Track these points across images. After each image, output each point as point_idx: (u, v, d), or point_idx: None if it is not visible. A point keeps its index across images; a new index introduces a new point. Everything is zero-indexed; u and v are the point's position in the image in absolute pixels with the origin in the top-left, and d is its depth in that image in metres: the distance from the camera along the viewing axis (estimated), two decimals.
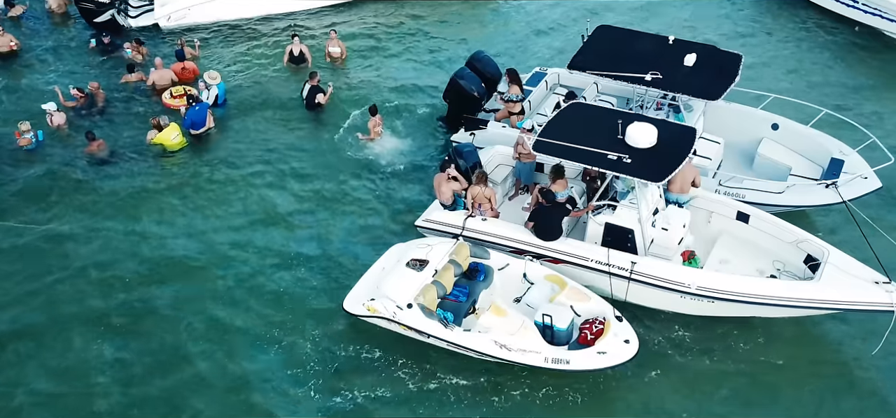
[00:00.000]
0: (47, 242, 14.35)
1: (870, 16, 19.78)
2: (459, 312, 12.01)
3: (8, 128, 16.98)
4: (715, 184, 13.78)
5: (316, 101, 17.58)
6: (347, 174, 15.94)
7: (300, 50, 19.34)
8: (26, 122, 16.47)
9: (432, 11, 21.65)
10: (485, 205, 13.34)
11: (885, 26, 19.59)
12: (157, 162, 16.33)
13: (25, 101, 18.10)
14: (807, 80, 18.22)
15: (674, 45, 14.47)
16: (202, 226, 14.77)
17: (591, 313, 11.90)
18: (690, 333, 12.28)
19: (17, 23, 21.39)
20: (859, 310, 11.52)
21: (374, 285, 12.47)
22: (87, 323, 12.80)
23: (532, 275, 12.60)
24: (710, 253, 12.91)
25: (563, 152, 12.16)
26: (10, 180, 15.75)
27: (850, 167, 13.64)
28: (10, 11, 21.70)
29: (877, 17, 19.66)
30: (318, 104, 17.60)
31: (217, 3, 21.01)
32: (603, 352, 11.26)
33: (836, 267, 11.79)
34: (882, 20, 19.58)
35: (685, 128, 12.65)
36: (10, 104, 18.10)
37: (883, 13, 19.48)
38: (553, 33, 20.63)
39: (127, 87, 18.49)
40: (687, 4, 21.68)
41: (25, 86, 18.76)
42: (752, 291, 11.72)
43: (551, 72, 16.59)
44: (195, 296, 13.30)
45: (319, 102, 17.59)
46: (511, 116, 15.56)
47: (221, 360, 12.26)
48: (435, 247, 12.69)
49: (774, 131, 14.75)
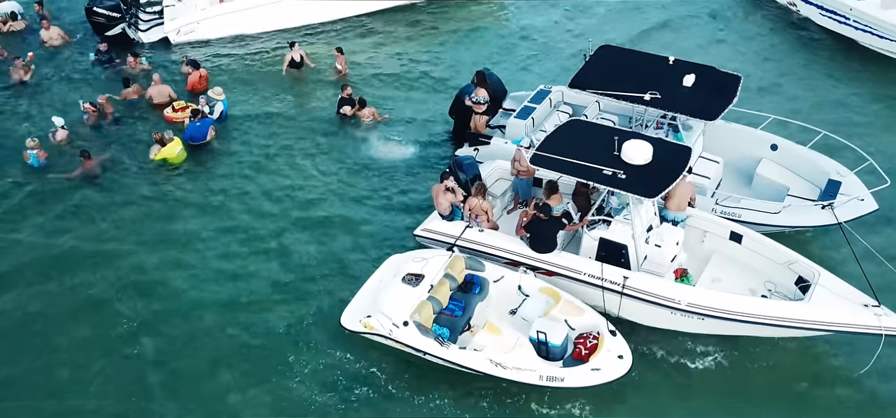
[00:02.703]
0: (46, 258, 14.89)
1: (860, 32, 20.20)
2: (455, 327, 12.44)
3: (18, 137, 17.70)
4: (712, 203, 14.16)
5: (341, 111, 18.46)
6: (348, 183, 16.53)
7: (300, 55, 20.16)
8: (35, 139, 17.07)
9: (440, 28, 22.29)
10: (482, 217, 13.88)
11: (878, 44, 19.97)
12: (159, 176, 16.88)
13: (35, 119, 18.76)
14: (806, 101, 18.54)
15: (674, 65, 14.86)
16: (200, 237, 15.29)
17: (585, 327, 12.28)
18: (684, 347, 12.68)
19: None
20: (847, 332, 11.86)
21: (370, 299, 12.89)
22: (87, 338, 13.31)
23: (527, 287, 12.99)
24: (703, 271, 13.29)
25: (559, 166, 12.62)
26: (13, 194, 16.39)
27: (847, 188, 13.96)
28: (13, 24, 22.44)
29: (866, 34, 20.09)
30: (344, 115, 18.45)
31: (225, 17, 21.77)
32: (597, 369, 11.62)
33: (826, 289, 12.11)
34: (872, 37, 20.00)
35: (680, 147, 13.10)
36: (15, 122, 18.72)
37: (872, 29, 19.92)
38: (560, 51, 21.17)
39: (128, 103, 19.06)
40: (680, 25, 22.24)
41: (33, 104, 19.39)
42: (741, 310, 12.11)
43: (555, 89, 16.97)
44: (192, 308, 13.76)
45: (345, 113, 18.44)
46: (474, 117, 16.34)
47: (216, 373, 12.67)
48: (430, 261, 13.15)
49: (773, 152, 15.12)
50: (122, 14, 21.44)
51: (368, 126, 18.24)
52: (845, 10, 20.34)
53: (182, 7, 22.06)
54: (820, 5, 21.06)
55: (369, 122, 18.30)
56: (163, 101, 19.00)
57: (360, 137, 17.88)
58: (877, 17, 19.73)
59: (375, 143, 17.72)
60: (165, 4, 22.25)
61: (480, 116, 16.55)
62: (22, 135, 17.80)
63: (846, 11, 20.34)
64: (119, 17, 21.38)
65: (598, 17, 22.70)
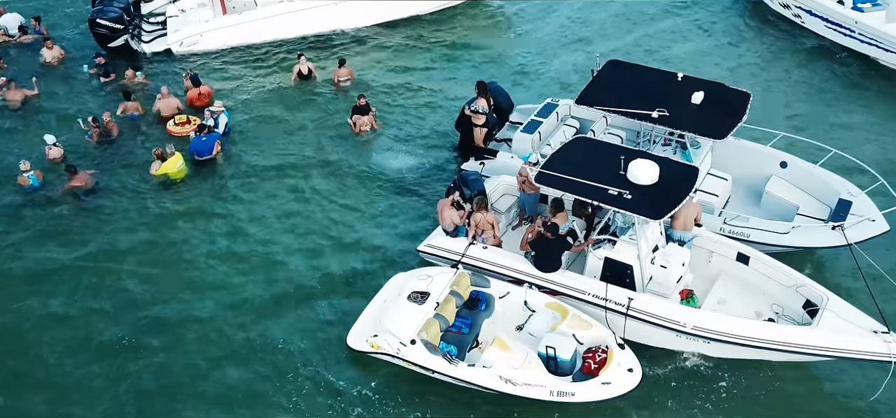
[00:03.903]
0: (39, 271, 15.08)
1: (866, 45, 20.14)
2: (463, 345, 12.54)
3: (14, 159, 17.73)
4: (720, 222, 14.19)
5: (352, 119, 18.66)
6: (354, 198, 16.66)
7: (308, 68, 20.34)
8: (26, 162, 17.05)
9: (445, 40, 22.42)
10: (488, 231, 13.95)
11: (885, 58, 19.94)
12: (159, 191, 17.01)
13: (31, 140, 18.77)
14: (814, 118, 18.54)
15: (682, 81, 14.91)
16: (201, 253, 15.43)
17: (593, 341, 12.38)
18: (690, 368, 12.74)
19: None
20: (856, 359, 11.85)
21: (376, 318, 13.00)
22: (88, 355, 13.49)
23: (533, 302, 13.09)
24: (709, 292, 13.34)
25: (564, 185, 12.68)
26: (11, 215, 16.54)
27: (858, 209, 13.93)
28: (21, 37, 22.66)
29: (872, 47, 20.02)
30: (354, 124, 18.64)
31: (228, 29, 21.96)
32: (607, 382, 11.70)
33: (834, 314, 12.09)
34: (877, 50, 19.95)
35: (687, 168, 13.13)
36: (13, 143, 18.78)
37: (878, 43, 19.84)
38: (568, 64, 21.23)
39: (128, 117, 19.17)
40: (684, 37, 22.30)
41: (30, 124, 19.45)
42: (747, 334, 12.13)
43: (563, 103, 17.00)
44: (197, 325, 13.89)
45: (354, 123, 18.63)
46: (474, 128, 16.43)
47: (215, 391, 12.81)
48: (435, 278, 13.25)
49: (783, 169, 15.14)
50: (125, 26, 21.61)
51: (372, 138, 18.34)
52: (850, 23, 20.29)
53: (185, 18, 22.33)
54: (826, 18, 21.00)
55: (367, 130, 18.45)
56: (171, 114, 19.11)
57: (365, 151, 18.01)
58: (881, 31, 19.67)
59: (381, 157, 17.84)
60: (168, 16, 22.53)
61: (480, 128, 16.57)
62: (17, 157, 17.72)
63: (851, 24, 20.28)
64: (122, 28, 21.53)
65: (604, 28, 22.79)
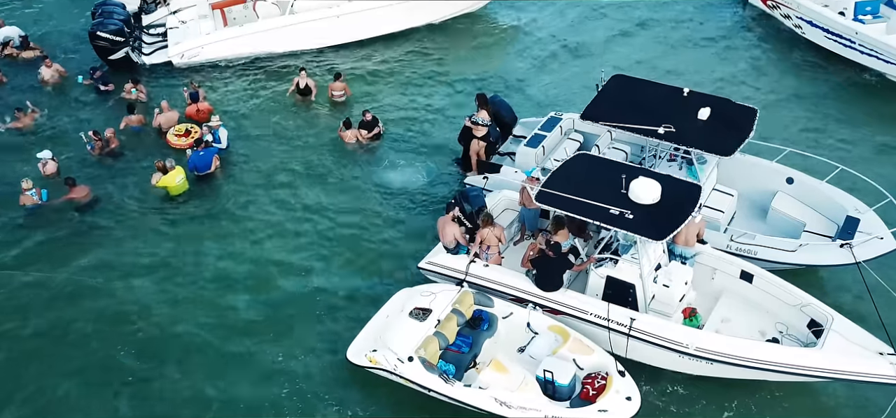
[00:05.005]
0: (35, 286, 15.25)
1: (867, 57, 20.10)
2: (461, 364, 12.57)
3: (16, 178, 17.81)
4: (727, 239, 14.22)
5: (358, 132, 18.83)
6: (355, 213, 16.79)
7: (307, 83, 20.48)
8: (28, 180, 17.05)
9: (449, 53, 22.54)
10: (494, 245, 13.99)
11: (886, 69, 19.89)
12: (159, 205, 17.17)
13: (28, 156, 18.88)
14: (820, 133, 18.56)
15: (688, 96, 14.96)
16: (200, 267, 15.59)
17: (593, 367, 12.38)
18: (694, 388, 12.78)
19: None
20: (862, 381, 11.84)
21: (377, 334, 13.09)
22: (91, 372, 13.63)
23: (536, 324, 13.14)
24: (713, 310, 13.36)
25: (565, 204, 12.71)
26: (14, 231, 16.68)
27: (866, 226, 13.94)
28: (22, 53, 22.77)
29: (873, 58, 19.98)
30: (356, 138, 18.83)
31: (229, 41, 22.12)
32: (604, 410, 11.68)
33: (839, 334, 12.08)
34: (878, 61, 19.91)
35: (690, 185, 13.13)
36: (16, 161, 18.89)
37: (878, 54, 19.79)
38: (571, 77, 21.32)
39: (130, 129, 19.35)
40: (684, 47, 22.39)
41: (31, 141, 19.55)
42: (751, 356, 12.13)
43: (566, 117, 17.05)
44: (199, 338, 14.05)
45: (357, 137, 18.82)
46: (474, 139, 16.54)
47: (214, 403, 12.96)
48: (439, 295, 13.33)
49: (789, 185, 15.16)
50: (125, 38, 21.77)
51: (372, 153, 18.45)
52: (851, 33, 20.23)
53: (186, 31, 22.51)
54: (826, 29, 20.94)
55: (353, 144, 18.67)
56: (172, 126, 19.28)
57: (365, 166, 18.15)
58: (882, 42, 19.61)
59: (382, 172, 17.98)
60: (169, 28, 22.71)
61: (479, 140, 16.64)
62: (20, 175, 17.80)
63: (852, 35, 20.22)
64: (123, 41, 21.68)
65: (606, 42, 22.90)
